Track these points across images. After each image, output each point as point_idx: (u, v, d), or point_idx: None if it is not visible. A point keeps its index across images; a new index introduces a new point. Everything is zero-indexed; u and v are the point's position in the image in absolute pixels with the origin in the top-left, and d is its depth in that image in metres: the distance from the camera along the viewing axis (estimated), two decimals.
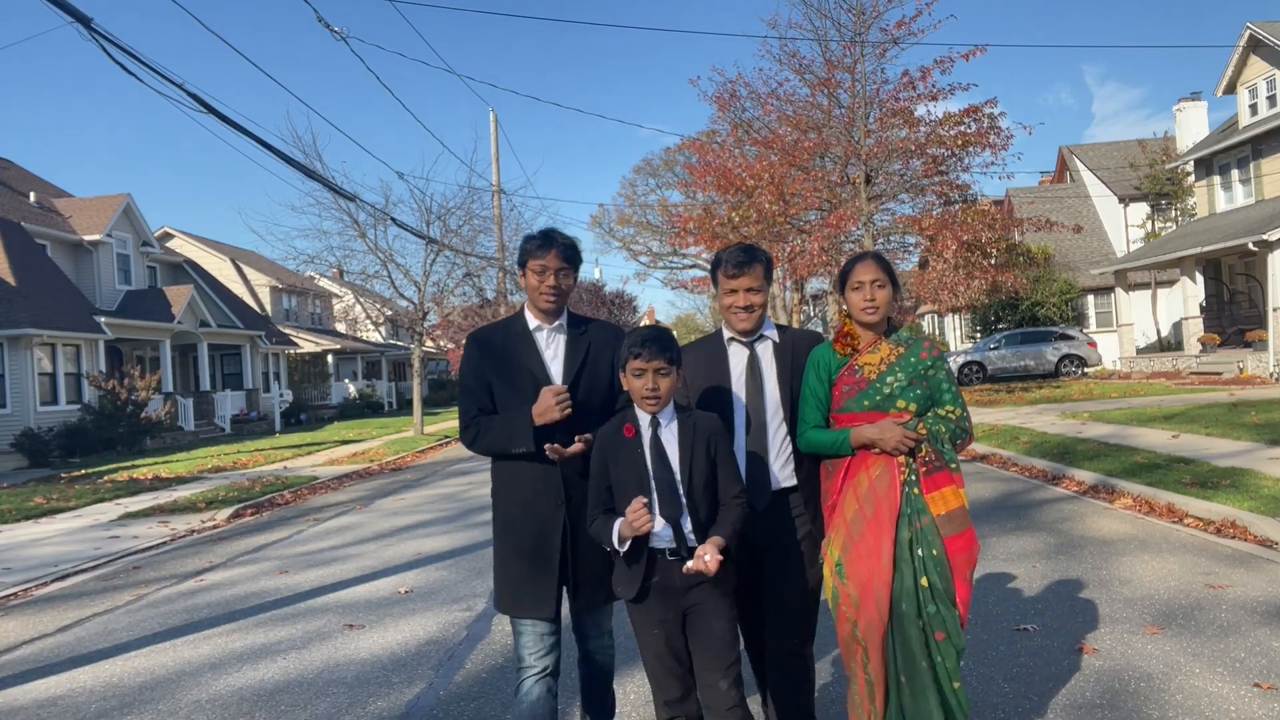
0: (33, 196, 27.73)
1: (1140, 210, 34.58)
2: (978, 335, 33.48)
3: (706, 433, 2.83)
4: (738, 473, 2.89)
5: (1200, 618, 4.84)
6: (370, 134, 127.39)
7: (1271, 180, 24.61)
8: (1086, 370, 28.24)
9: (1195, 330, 26.12)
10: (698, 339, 3.61)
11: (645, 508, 2.69)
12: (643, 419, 2.84)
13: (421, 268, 24.82)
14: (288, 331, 38.20)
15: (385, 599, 6.53)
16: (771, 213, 19.86)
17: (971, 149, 19.60)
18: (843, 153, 20.54)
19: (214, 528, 10.73)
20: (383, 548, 8.56)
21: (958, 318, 36.71)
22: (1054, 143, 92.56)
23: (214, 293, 32.33)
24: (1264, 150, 24.91)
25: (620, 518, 2.74)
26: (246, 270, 40.07)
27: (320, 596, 6.74)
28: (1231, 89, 26.40)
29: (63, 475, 17.96)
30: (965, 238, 19.20)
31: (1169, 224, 33.63)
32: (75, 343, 24.00)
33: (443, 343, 28.68)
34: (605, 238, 53.84)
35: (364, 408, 39.83)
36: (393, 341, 45.80)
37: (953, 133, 19.28)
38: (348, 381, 42.87)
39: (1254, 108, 25.42)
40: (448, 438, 21.59)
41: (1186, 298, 26.40)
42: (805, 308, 36.39)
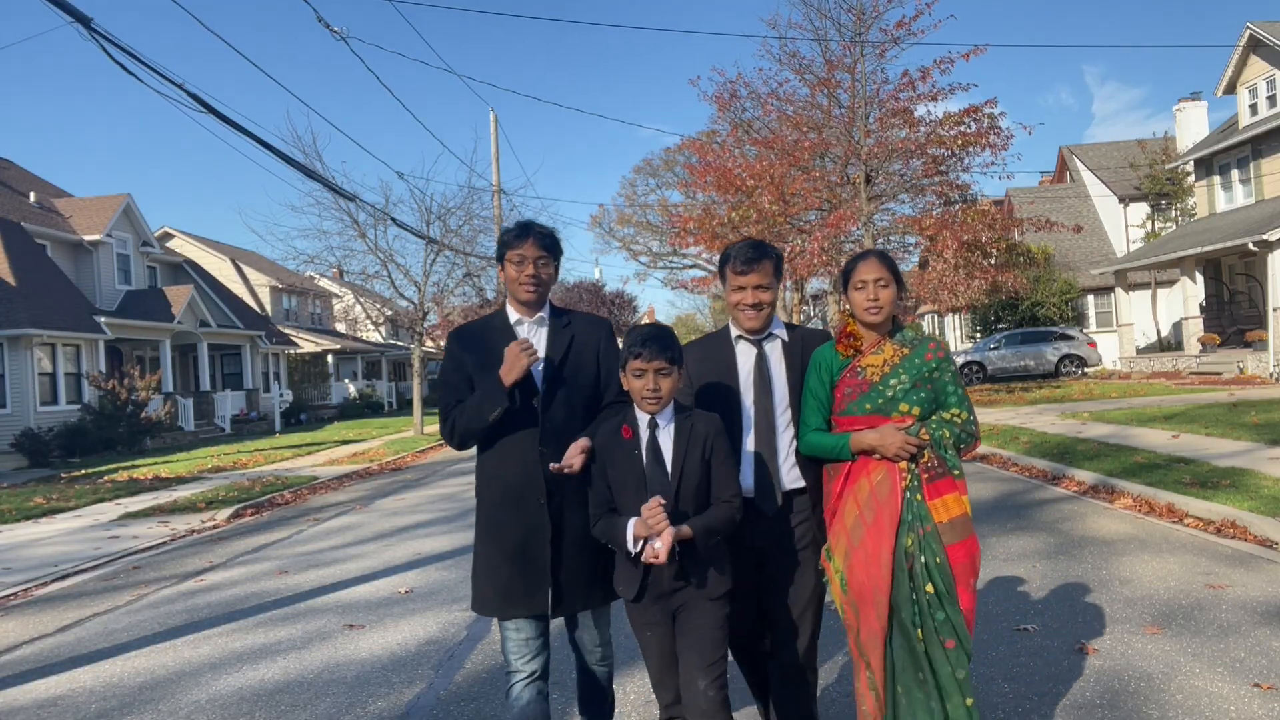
0: (33, 196, 27.72)
1: (1140, 210, 34.59)
2: (978, 335, 33.49)
3: (703, 434, 2.77)
4: (734, 474, 2.80)
5: (1200, 618, 4.84)
6: (370, 134, 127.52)
7: (1271, 180, 24.61)
8: (1086, 370, 28.25)
9: (1195, 330, 26.12)
10: (702, 336, 3.52)
11: (663, 509, 2.63)
12: (641, 420, 2.80)
13: (421, 268, 24.89)
14: (288, 331, 38.19)
15: (385, 599, 6.52)
16: (771, 213, 19.84)
17: (971, 149, 19.59)
18: (843, 153, 20.52)
19: (214, 528, 10.73)
20: (383, 548, 8.56)
21: (958, 318, 36.70)
22: (1054, 143, 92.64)
23: (214, 293, 32.32)
24: (1264, 150, 24.92)
25: (634, 517, 2.68)
26: (246, 270, 40.07)
27: (320, 596, 6.74)
28: (1231, 89, 26.41)
29: (63, 475, 17.95)
30: (965, 238, 19.18)
31: (1169, 224, 33.62)
32: (75, 343, 24.00)
33: (442, 343, 28.59)
34: (605, 238, 53.99)
35: (364, 408, 39.83)
36: (393, 341, 45.78)
37: (953, 133, 19.27)
38: (348, 381, 42.86)
39: (1254, 108, 25.42)
40: None
41: (1186, 298, 26.40)
42: (805, 308, 36.42)
